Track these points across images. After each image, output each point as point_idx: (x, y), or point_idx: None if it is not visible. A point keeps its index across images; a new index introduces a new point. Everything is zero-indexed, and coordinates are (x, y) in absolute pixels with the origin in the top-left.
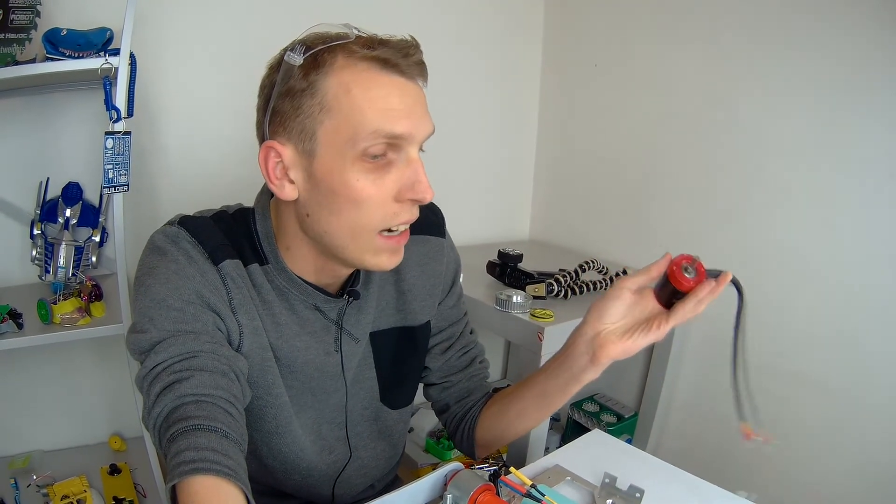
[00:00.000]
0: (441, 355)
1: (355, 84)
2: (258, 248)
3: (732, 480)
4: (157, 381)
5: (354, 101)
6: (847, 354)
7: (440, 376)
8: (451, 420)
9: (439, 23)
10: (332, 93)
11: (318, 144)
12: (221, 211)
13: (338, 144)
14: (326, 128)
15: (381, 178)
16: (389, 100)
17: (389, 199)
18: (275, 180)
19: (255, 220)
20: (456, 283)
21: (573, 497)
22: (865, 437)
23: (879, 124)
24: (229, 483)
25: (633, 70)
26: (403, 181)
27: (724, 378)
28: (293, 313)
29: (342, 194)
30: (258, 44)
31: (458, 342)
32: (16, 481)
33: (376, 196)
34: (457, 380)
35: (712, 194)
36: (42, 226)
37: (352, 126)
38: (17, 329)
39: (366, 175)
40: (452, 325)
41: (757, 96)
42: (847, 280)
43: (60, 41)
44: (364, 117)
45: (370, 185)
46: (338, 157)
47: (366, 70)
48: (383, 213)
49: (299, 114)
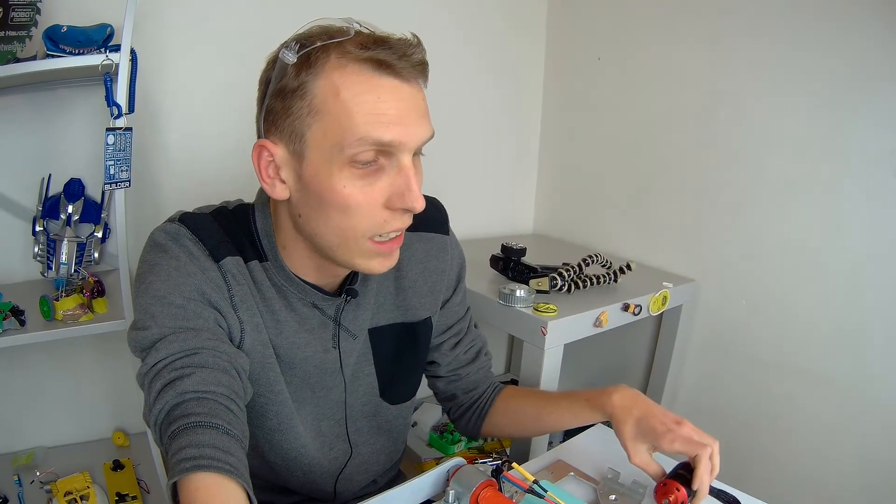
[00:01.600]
0: (450, 351)
1: (345, 87)
2: (258, 245)
3: (736, 476)
4: (158, 378)
5: (343, 105)
6: (851, 350)
7: (448, 371)
8: (457, 409)
9: (441, 17)
10: (321, 95)
11: (307, 147)
12: (221, 207)
13: (325, 149)
14: (315, 131)
15: (370, 185)
16: (380, 105)
17: (378, 206)
18: (266, 179)
19: (255, 216)
20: (461, 280)
21: (576, 492)
22: (869, 432)
23: (884, 119)
24: (230, 480)
25: (637, 64)
26: (394, 189)
27: (727, 373)
28: (291, 310)
29: (329, 199)
30: (260, 39)
31: (466, 337)
32: (19, 478)
33: (364, 203)
34: (465, 373)
35: (716, 189)
36: (44, 222)
37: (339, 131)
38: (19, 326)
39: (353, 182)
40: (459, 322)
41: (761, 90)
42: (852, 275)
43: (61, 38)
44: (352, 123)
45: (358, 192)
46: (325, 162)
47: (358, 72)
48: (372, 220)
49: (289, 114)
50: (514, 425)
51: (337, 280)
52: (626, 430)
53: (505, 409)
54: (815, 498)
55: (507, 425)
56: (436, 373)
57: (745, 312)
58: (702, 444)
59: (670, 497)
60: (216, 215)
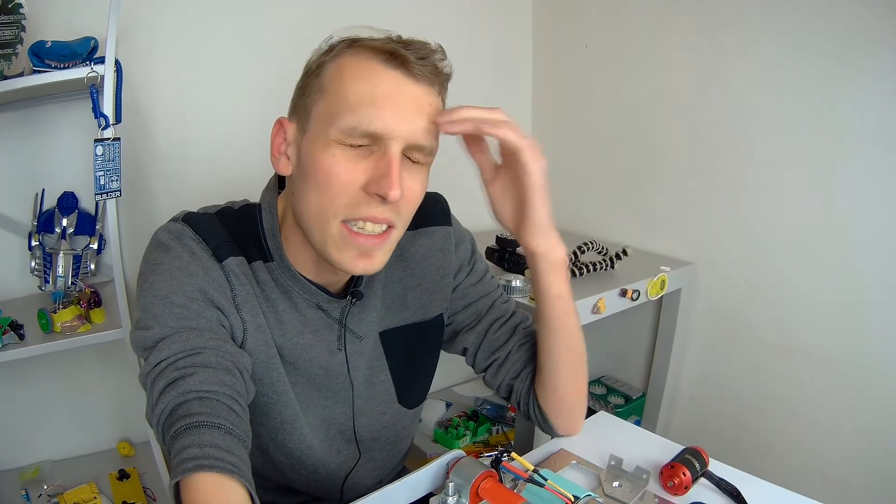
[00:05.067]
0: (471, 331)
1: (349, 70)
2: (263, 245)
3: (743, 459)
4: (160, 378)
5: (343, 84)
6: (853, 328)
7: (485, 356)
8: (520, 401)
9: (427, 9)
10: (329, 75)
11: (310, 122)
12: (226, 207)
13: (321, 124)
14: (319, 107)
15: (353, 164)
16: (375, 90)
17: (356, 186)
18: (276, 153)
19: (262, 216)
20: (475, 262)
21: (579, 481)
22: (875, 410)
23: (874, 94)
24: (232, 480)
25: (625, 50)
26: (374, 172)
27: (730, 356)
28: (296, 311)
29: (313, 172)
30: (248, 46)
31: (488, 316)
32: (27, 492)
33: (344, 179)
34: (505, 353)
35: (710, 171)
36: (40, 237)
37: (335, 109)
38: (18, 340)
39: (339, 158)
40: (477, 302)
41: (750, 72)
42: (849, 252)
43: (46, 53)
44: (346, 101)
45: (341, 167)
46: (320, 137)
47: (367, 59)
48: (346, 199)
49: (304, 93)
50: (549, 375)
51: (340, 280)
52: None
53: (543, 386)
54: (823, 478)
55: (554, 381)
56: (476, 363)
57: (744, 294)
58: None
59: (675, 479)
60: (221, 215)
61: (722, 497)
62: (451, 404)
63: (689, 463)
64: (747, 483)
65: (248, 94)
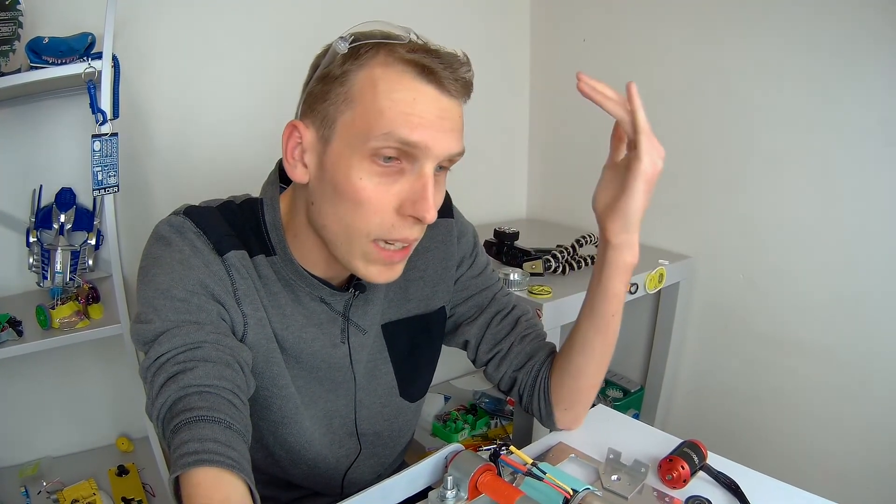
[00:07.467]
0: (472, 324)
1: (384, 81)
2: (265, 239)
3: (742, 451)
4: (160, 372)
5: (377, 98)
6: (850, 320)
7: (487, 348)
8: (524, 393)
9: (424, 2)
10: (359, 85)
11: (335, 133)
12: (228, 201)
13: (350, 138)
14: (346, 118)
15: (386, 185)
16: (414, 105)
17: (390, 208)
18: (290, 159)
19: (264, 210)
20: (477, 254)
21: (578, 474)
22: (873, 401)
23: (874, 90)
24: (232, 474)
25: (623, 43)
26: (409, 194)
27: (729, 348)
28: (299, 304)
29: (342, 190)
30: (245, 41)
31: (489, 308)
32: (26, 489)
33: (376, 201)
34: (507, 345)
35: (708, 164)
36: (38, 233)
37: (368, 122)
38: (17, 336)
39: (371, 177)
40: (478, 295)
41: (749, 65)
42: (846, 245)
43: (43, 49)
44: (382, 116)
45: (372, 188)
46: (347, 150)
47: (400, 72)
48: (380, 221)
49: (327, 100)
50: (576, 370)
51: (345, 274)
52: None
53: (562, 360)
54: (822, 470)
55: (575, 375)
56: (478, 356)
57: (742, 287)
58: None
59: (674, 473)
60: (222, 209)
61: (720, 490)
62: (449, 398)
63: (688, 456)
64: (746, 476)
65: (246, 89)
